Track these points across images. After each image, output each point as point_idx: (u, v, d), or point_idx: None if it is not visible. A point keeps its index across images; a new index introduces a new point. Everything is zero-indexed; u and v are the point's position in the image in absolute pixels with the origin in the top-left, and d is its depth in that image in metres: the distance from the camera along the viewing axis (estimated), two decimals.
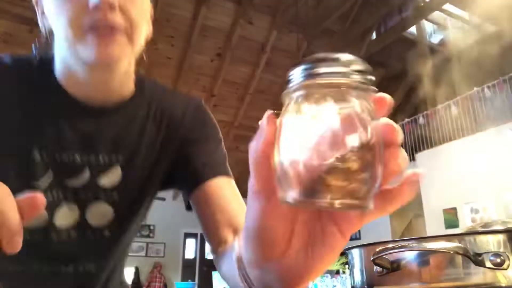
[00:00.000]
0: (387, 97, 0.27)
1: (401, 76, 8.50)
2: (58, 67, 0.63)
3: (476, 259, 0.47)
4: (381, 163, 0.25)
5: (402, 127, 7.91)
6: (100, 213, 0.67)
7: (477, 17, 7.30)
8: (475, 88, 6.81)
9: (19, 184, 0.61)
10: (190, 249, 9.98)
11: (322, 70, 0.25)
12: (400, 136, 0.27)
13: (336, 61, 0.25)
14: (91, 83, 0.62)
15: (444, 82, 6.49)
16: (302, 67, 0.26)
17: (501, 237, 0.48)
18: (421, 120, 7.60)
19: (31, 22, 6.49)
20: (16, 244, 0.29)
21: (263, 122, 0.28)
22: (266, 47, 8.34)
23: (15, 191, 0.31)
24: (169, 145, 0.70)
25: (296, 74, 0.26)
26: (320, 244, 0.30)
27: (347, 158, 0.24)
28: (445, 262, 0.49)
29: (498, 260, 0.47)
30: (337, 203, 0.25)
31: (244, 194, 0.36)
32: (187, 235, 9.76)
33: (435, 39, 9.49)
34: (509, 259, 0.47)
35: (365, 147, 0.25)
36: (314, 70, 0.25)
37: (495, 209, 6.17)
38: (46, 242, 0.64)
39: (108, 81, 0.63)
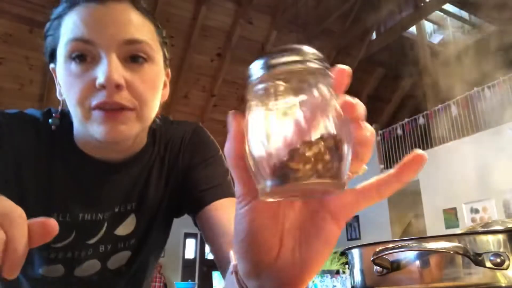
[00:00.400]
0: (345, 68, 0.28)
1: (401, 76, 8.50)
2: (75, 131, 0.63)
3: (476, 259, 0.47)
4: (347, 141, 0.26)
5: (402, 127, 7.90)
6: (120, 259, 0.70)
7: (477, 17, 7.30)
8: (475, 88, 6.81)
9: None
10: (190, 249, 9.97)
11: (278, 61, 0.26)
12: (360, 110, 0.27)
13: (292, 51, 0.26)
14: (106, 149, 0.62)
15: (444, 82, 6.49)
16: (259, 61, 0.27)
17: (501, 237, 0.48)
18: (421, 120, 7.60)
19: (31, 22, 6.50)
20: (16, 271, 0.28)
21: (229, 123, 0.28)
22: (266, 47, 8.34)
23: (33, 251, 0.29)
24: (171, 176, 0.71)
25: (255, 69, 0.27)
26: (314, 238, 0.29)
27: (312, 142, 0.25)
28: (445, 262, 0.49)
29: (498, 260, 0.47)
30: (308, 183, 0.25)
31: None
32: (187, 235, 9.75)
33: (435, 39, 9.49)
34: (509, 259, 0.47)
35: (328, 128, 0.25)
36: (271, 62, 0.26)
37: (495, 209, 6.17)
38: (65, 284, 0.67)
39: (121, 147, 0.63)
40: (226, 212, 0.65)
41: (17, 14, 6.50)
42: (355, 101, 0.27)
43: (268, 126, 0.26)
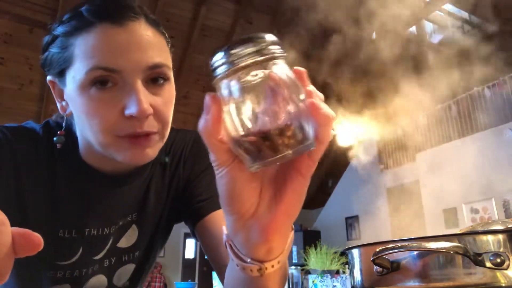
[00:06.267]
0: (302, 70, 0.33)
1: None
2: (81, 145, 0.61)
3: (476, 259, 0.47)
4: (308, 112, 0.31)
5: (402, 127, 7.90)
6: (125, 273, 0.70)
7: (477, 16, 7.30)
8: (475, 88, 6.81)
9: (43, 262, 0.61)
10: (190, 249, 9.97)
11: (239, 53, 0.30)
12: (310, 85, 0.33)
13: (249, 40, 0.30)
14: (119, 164, 0.60)
15: (444, 82, 6.49)
16: (220, 54, 0.31)
17: (501, 237, 0.48)
18: (421, 120, 7.60)
19: (31, 22, 6.50)
20: (2, 278, 0.26)
21: (207, 102, 0.32)
22: None
23: (40, 272, 0.28)
24: (172, 185, 0.71)
25: (218, 63, 0.31)
26: (286, 189, 0.35)
27: (280, 122, 0.30)
28: (445, 262, 0.49)
29: (498, 260, 0.47)
30: (286, 154, 0.30)
31: None
32: (187, 235, 9.74)
33: (435, 39, 9.48)
34: (509, 259, 0.47)
35: (289, 105, 0.30)
36: (232, 57, 0.30)
37: (495, 209, 6.17)
38: None
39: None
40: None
41: (17, 14, 6.49)
42: (310, 86, 0.33)
43: (240, 112, 0.30)
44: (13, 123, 0.65)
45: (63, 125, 0.61)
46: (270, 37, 0.31)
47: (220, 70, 0.31)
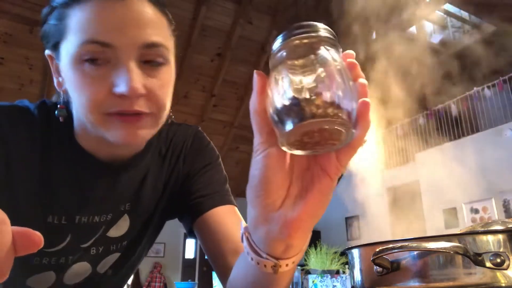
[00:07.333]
0: (351, 52, 0.34)
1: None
2: (76, 126, 0.59)
3: (476, 259, 0.47)
4: (353, 96, 0.31)
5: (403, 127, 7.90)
6: (109, 262, 0.68)
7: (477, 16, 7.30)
8: (475, 88, 6.81)
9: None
10: (190, 249, 9.97)
11: (296, 31, 0.32)
12: (363, 76, 0.33)
13: (308, 25, 0.33)
14: (114, 148, 0.59)
15: (444, 82, 6.49)
16: (280, 36, 0.33)
17: (501, 237, 0.48)
18: (421, 120, 7.60)
19: (31, 22, 6.50)
20: (2, 276, 0.26)
21: (254, 80, 0.34)
22: (266, 47, 8.33)
23: (22, 259, 0.27)
24: (171, 179, 0.70)
25: (277, 41, 0.33)
26: (313, 188, 0.35)
27: (322, 93, 0.30)
28: (445, 262, 0.49)
29: (498, 260, 0.47)
30: (321, 121, 0.30)
31: (244, 194, 0.36)
32: (187, 235, 9.74)
33: (435, 39, 9.48)
34: (509, 259, 0.47)
35: (337, 84, 0.31)
36: (289, 34, 0.32)
37: (495, 209, 6.17)
38: None
39: (132, 148, 0.61)
40: (228, 219, 0.64)
41: (17, 14, 6.49)
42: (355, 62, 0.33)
43: (288, 83, 0.31)
44: None
45: (61, 101, 0.58)
46: (325, 27, 0.33)
47: (276, 45, 0.33)
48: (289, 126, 0.31)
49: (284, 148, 0.33)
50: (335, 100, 0.30)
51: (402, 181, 7.71)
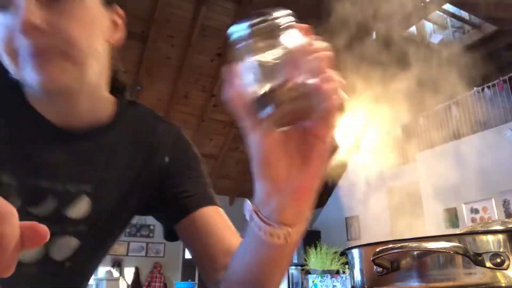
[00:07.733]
0: (306, 26, 0.36)
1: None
2: (26, 86, 0.57)
3: (476, 259, 0.47)
4: (317, 70, 0.34)
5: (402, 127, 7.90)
6: (65, 246, 0.61)
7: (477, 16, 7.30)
8: (475, 88, 6.81)
9: None
10: None
11: (256, 19, 0.34)
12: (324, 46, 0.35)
13: (267, 12, 0.35)
14: (54, 105, 0.57)
15: (444, 82, 6.49)
16: (238, 25, 0.35)
17: (501, 237, 0.48)
18: (421, 121, 7.60)
19: None
20: (6, 270, 0.26)
21: (224, 73, 0.36)
22: None
23: None
24: (146, 174, 0.66)
25: (236, 30, 0.35)
26: (312, 154, 0.38)
27: (290, 77, 0.33)
28: (445, 262, 0.49)
29: (498, 260, 0.47)
30: (293, 102, 0.33)
31: (244, 194, 0.37)
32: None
33: (435, 39, 9.49)
34: (509, 259, 0.47)
35: (299, 63, 0.33)
36: (248, 24, 0.35)
37: (495, 209, 6.17)
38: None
39: (72, 105, 0.58)
40: (219, 219, 0.63)
41: None
42: (321, 45, 0.35)
43: (258, 70, 0.34)
44: None
45: None
46: (285, 11, 0.36)
47: (237, 34, 0.35)
48: (263, 111, 0.34)
49: (267, 129, 0.36)
50: (301, 79, 0.33)
51: (402, 181, 7.71)
